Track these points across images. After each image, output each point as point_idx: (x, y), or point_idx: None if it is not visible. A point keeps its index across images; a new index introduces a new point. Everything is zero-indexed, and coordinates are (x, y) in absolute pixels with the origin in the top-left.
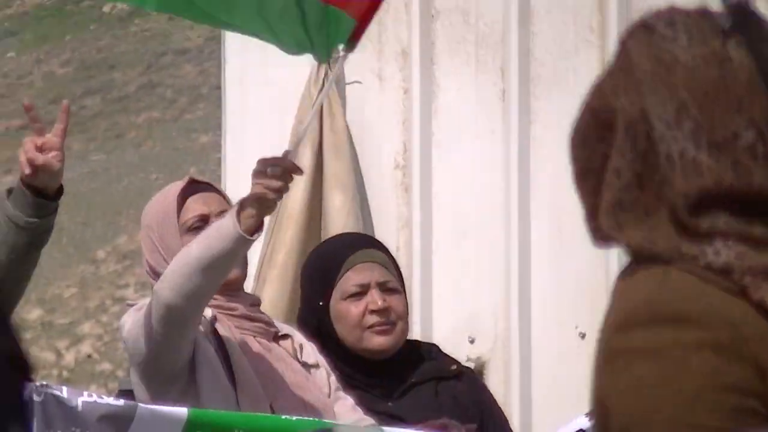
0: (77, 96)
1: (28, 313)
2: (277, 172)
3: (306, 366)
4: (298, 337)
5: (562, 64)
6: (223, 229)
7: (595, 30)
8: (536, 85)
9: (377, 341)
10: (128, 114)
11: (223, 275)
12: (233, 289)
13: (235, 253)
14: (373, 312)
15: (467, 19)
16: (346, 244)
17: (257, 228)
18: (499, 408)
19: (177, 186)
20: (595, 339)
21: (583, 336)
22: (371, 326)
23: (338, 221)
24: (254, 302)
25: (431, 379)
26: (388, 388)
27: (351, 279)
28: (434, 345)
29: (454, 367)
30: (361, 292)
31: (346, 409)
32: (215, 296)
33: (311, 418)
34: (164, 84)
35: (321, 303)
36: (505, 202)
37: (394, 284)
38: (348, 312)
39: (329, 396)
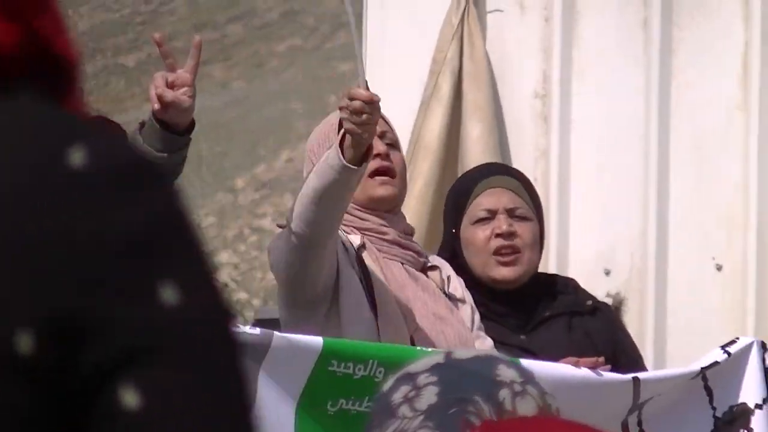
0: (220, 23)
1: None
2: (356, 106)
3: (452, 299)
4: (447, 269)
5: None
6: (331, 160)
7: None
8: (678, 14)
9: (500, 272)
10: (270, 42)
11: (340, 204)
12: (388, 208)
13: (346, 183)
14: (498, 236)
15: None
16: (481, 171)
17: (362, 158)
18: (634, 346)
19: (337, 115)
20: (732, 270)
21: (719, 268)
22: (496, 251)
23: (476, 151)
24: (407, 230)
25: (565, 313)
26: (521, 320)
27: (480, 204)
28: (572, 279)
29: (590, 302)
30: (489, 217)
31: (484, 348)
32: (367, 216)
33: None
34: (306, 11)
35: (454, 230)
36: (645, 132)
37: (525, 212)
38: (474, 236)
39: (471, 331)
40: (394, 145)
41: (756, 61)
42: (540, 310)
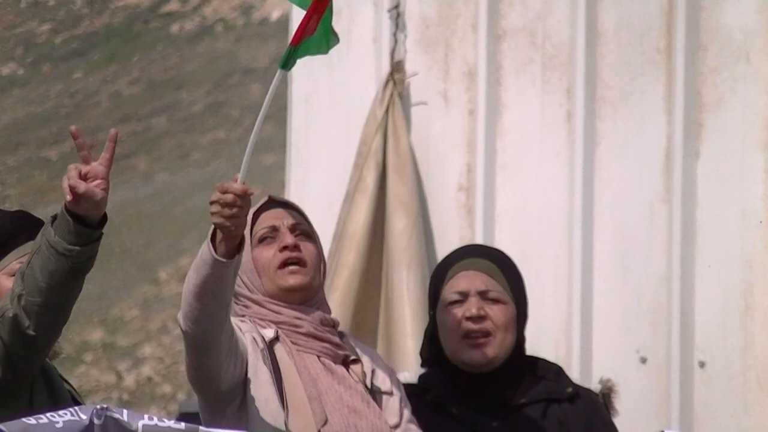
0: (144, 116)
1: (89, 334)
2: (228, 199)
3: (377, 392)
4: (376, 362)
5: (629, 85)
6: (204, 255)
7: (662, 51)
8: (602, 107)
9: (470, 355)
10: (194, 134)
11: (220, 299)
12: (301, 298)
13: (221, 277)
14: (468, 319)
15: (534, 40)
16: (458, 253)
17: (233, 252)
18: None
19: (256, 204)
20: (656, 363)
21: (643, 360)
22: (466, 335)
23: (401, 243)
24: (325, 322)
25: (542, 400)
26: (495, 406)
27: (452, 286)
28: (555, 365)
29: (570, 389)
30: (461, 299)
31: None
32: (282, 310)
33: None
34: (230, 104)
35: (432, 312)
36: (568, 224)
37: (499, 294)
38: (446, 319)
39: (398, 425)
40: (307, 235)
41: (678, 154)
42: (517, 395)
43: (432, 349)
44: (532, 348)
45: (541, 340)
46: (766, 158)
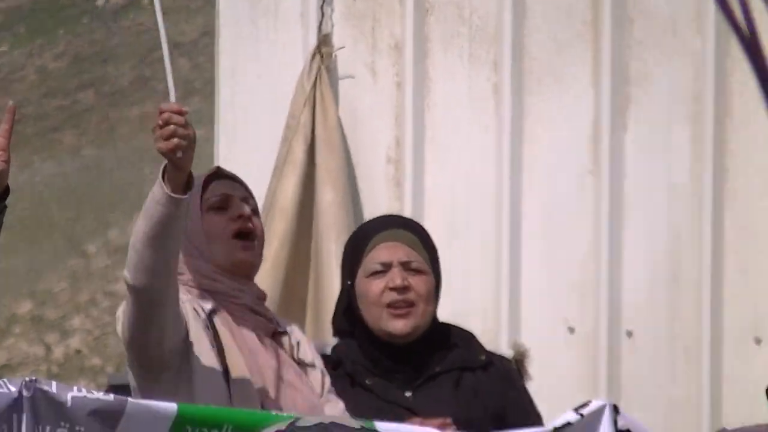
0: (70, 90)
1: (18, 307)
2: (165, 117)
3: (302, 364)
4: (297, 334)
5: (556, 59)
6: (156, 195)
7: (588, 24)
8: (529, 80)
9: (394, 325)
10: (121, 108)
11: (173, 244)
12: (243, 273)
13: (174, 216)
14: (392, 290)
15: (461, 13)
16: (378, 223)
17: (184, 186)
18: (529, 400)
19: (204, 173)
20: (584, 333)
21: (572, 331)
22: (390, 304)
23: (329, 215)
24: (260, 296)
25: (455, 369)
26: (409, 376)
27: (375, 257)
28: (468, 332)
29: (483, 357)
30: (384, 270)
31: (335, 412)
32: (221, 279)
33: (287, 414)
34: (157, 78)
35: (349, 282)
36: (496, 197)
37: (420, 265)
38: (368, 289)
39: (321, 396)
40: (255, 211)
41: (606, 127)
42: (431, 365)
43: (346, 319)
44: (460, 320)
45: (470, 312)
46: (693, 131)
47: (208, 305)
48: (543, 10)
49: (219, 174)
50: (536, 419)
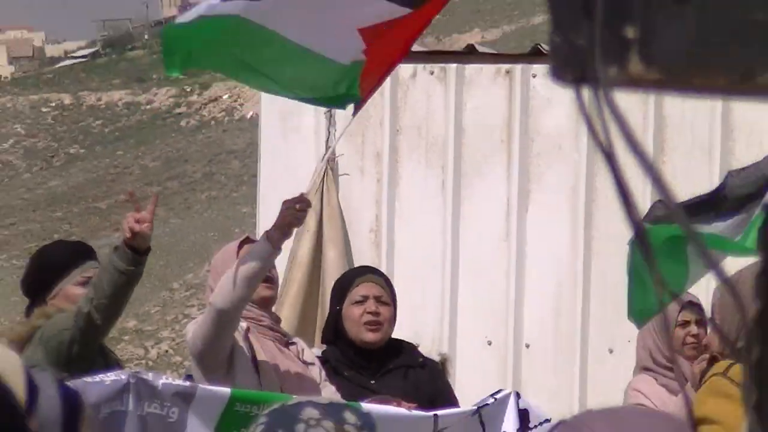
0: (162, 180)
1: (126, 323)
2: (304, 206)
3: (305, 363)
4: (301, 344)
5: (482, 164)
6: (260, 248)
7: (504, 141)
8: (464, 178)
9: (368, 336)
10: (195, 193)
11: (256, 285)
12: (266, 306)
13: (266, 266)
14: (368, 313)
15: (420, 133)
16: (359, 270)
17: (280, 247)
18: (450, 391)
19: (236, 241)
20: (500, 346)
21: (490, 343)
22: (366, 323)
23: (332, 267)
24: (276, 320)
25: (402, 366)
26: (373, 371)
27: (358, 291)
28: (412, 344)
29: (421, 359)
30: (363, 300)
31: (329, 393)
32: (252, 309)
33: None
34: (219, 173)
35: (338, 307)
36: (442, 254)
37: (386, 299)
38: (352, 312)
39: (319, 383)
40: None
41: (514, 209)
42: (387, 364)
43: (334, 332)
44: (416, 336)
45: (424, 330)
46: (571, 215)
47: (244, 325)
48: (473, 132)
49: (248, 241)
50: (455, 402)
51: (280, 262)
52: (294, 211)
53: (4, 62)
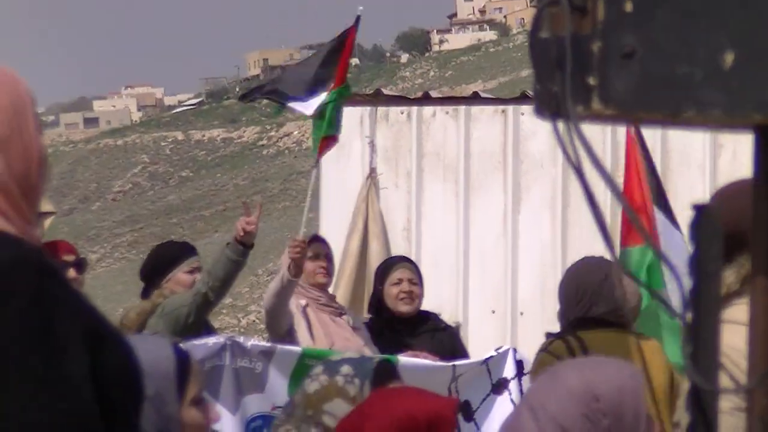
0: (249, 195)
1: (225, 300)
2: (297, 247)
3: (354, 328)
4: (351, 314)
5: (484, 180)
6: (284, 280)
7: (501, 162)
8: (473, 191)
9: (404, 308)
10: (274, 203)
11: (285, 300)
12: (322, 288)
13: (288, 289)
14: (403, 292)
15: (439, 157)
16: (395, 259)
17: (296, 275)
18: (464, 348)
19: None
20: (502, 314)
21: (493, 312)
22: (402, 299)
23: (375, 257)
24: (331, 297)
25: (430, 330)
26: (410, 334)
27: (395, 275)
28: (435, 313)
29: (443, 325)
30: (399, 282)
31: (370, 351)
32: (312, 291)
33: (352, 353)
34: (291, 189)
35: (380, 287)
36: (456, 246)
37: (416, 281)
38: (392, 291)
39: (365, 345)
40: (328, 257)
41: (509, 215)
42: (419, 328)
43: (377, 305)
44: (437, 308)
45: (443, 303)
46: (551, 216)
47: (303, 302)
48: (478, 156)
49: (316, 239)
50: (468, 356)
51: (336, 255)
52: (293, 250)
53: (135, 109)
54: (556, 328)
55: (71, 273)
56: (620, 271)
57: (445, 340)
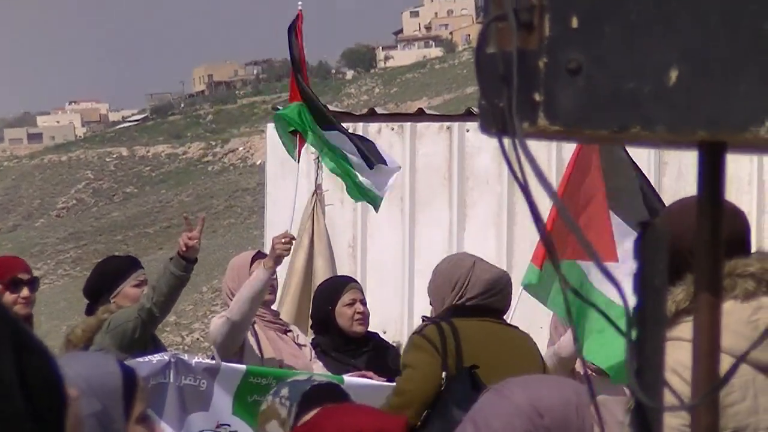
0: (194, 211)
1: (168, 317)
2: (288, 240)
3: (299, 345)
4: (296, 331)
5: (429, 196)
6: (260, 274)
7: (447, 179)
8: (419, 206)
9: (358, 328)
10: (219, 220)
11: (259, 302)
12: (267, 306)
13: (265, 287)
14: (358, 313)
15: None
16: (343, 280)
17: (273, 271)
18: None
19: (250, 253)
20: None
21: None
22: (357, 320)
23: (320, 274)
24: (275, 314)
25: (374, 349)
26: (355, 352)
27: (348, 295)
28: (377, 333)
29: (386, 345)
30: (352, 303)
31: (318, 368)
32: (259, 309)
33: (300, 371)
34: (236, 205)
35: (330, 307)
36: (402, 266)
37: (365, 301)
38: (345, 312)
39: (310, 360)
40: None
41: (455, 228)
42: (363, 348)
43: (324, 325)
44: (381, 325)
45: (388, 322)
46: (496, 232)
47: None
48: (423, 172)
49: (260, 255)
50: None
51: (280, 271)
52: (281, 244)
53: (79, 125)
54: None
55: (24, 292)
56: (565, 284)
57: (389, 359)
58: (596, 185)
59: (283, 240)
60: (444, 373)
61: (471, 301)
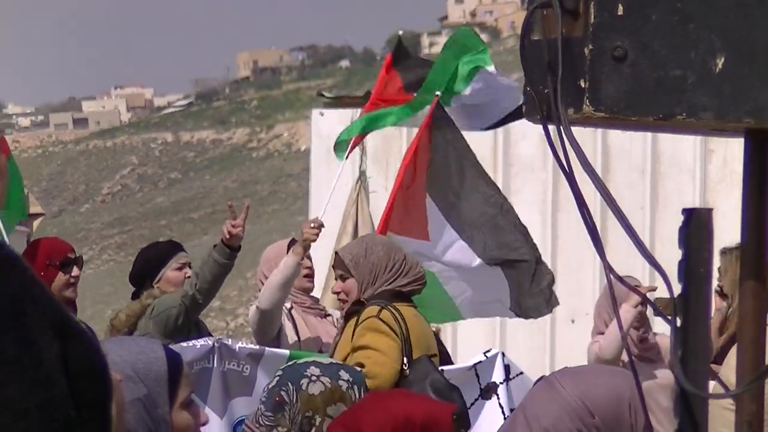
0: (239, 197)
1: (213, 303)
2: (317, 225)
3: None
4: (336, 314)
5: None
6: (289, 261)
7: (489, 162)
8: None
9: None
10: (263, 206)
11: (289, 288)
12: (307, 292)
13: (294, 273)
14: None
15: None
16: None
17: (302, 257)
18: (446, 351)
19: (286, 240)
20: (490, 323)
21: None
22: None
23: None
24: (315, 300)
25: None
26: None
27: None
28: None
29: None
30: None
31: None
32: (297, 295)
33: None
34: (281, 191)
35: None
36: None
37: None
38: None
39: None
40: (309, 259)
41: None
42: None
43: None
44: None
45: None
46: (543, 219)
47: (287, 305)
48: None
49: (293, 242)
50: (450, 360)
51: (325, 258)
52: (310, 230)
53: (124, 110)
54: (542, 330)
55: (75, 271)
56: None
57: None
58: (422, 166)
59: (312, 225)
60: (405, 358)
61: (406, 287)
